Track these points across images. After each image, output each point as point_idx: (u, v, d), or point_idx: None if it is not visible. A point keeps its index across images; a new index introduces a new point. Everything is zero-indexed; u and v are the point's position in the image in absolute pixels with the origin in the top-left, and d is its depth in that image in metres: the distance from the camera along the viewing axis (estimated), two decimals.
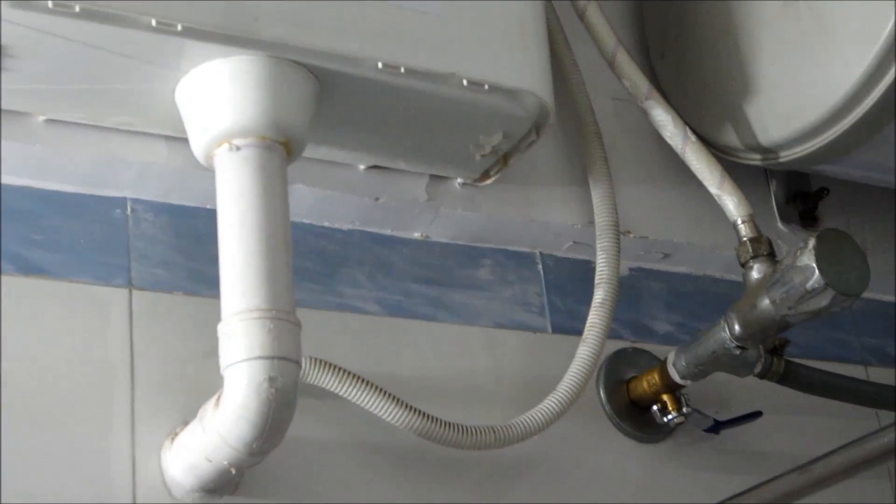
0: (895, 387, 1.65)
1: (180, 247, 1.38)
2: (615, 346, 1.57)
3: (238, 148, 1.20)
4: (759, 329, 1.36)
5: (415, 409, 1.31)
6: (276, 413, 1.12)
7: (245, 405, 1.11)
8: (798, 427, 1.65)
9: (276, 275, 1.15)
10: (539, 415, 1.37)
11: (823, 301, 1.28)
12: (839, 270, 1.28)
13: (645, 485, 1.53)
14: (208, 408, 1.19)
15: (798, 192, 1.75)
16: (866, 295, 1.78)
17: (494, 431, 1.35)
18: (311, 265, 1.43)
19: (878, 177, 1.65)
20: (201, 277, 1.36)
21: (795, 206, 1.75)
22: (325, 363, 1.30)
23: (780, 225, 1.72)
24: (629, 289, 1.62)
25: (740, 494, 1.40)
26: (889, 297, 1.84)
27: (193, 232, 1.39)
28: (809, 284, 1.28)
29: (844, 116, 1.46)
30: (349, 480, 1.36)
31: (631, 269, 1.64)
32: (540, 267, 1.57)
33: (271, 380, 1.11)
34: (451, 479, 1.41)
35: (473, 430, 1.34)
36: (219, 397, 1.16)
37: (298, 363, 1.14)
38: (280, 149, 1.23)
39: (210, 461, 1.19)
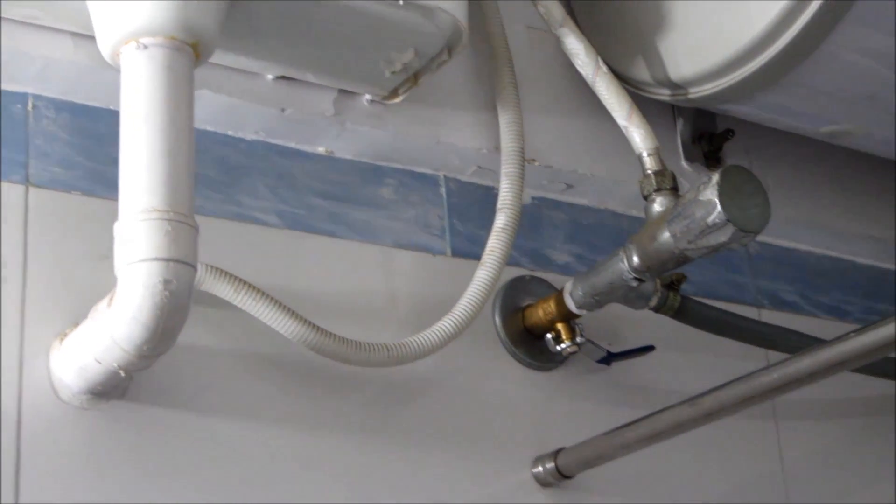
0: (787, 329, 1.68)
1: (81, 146, 1.35)
2: (513, 273, 1.57)
3: (145, 47, 1.17)
4: (657, 262, 1.36)
5: (309, 323, 1.30)
6: (168, 316, 1.10)
7: (138, 306, 1.09)
8: (689, 364, 1.67)
9: (177, 177, 1.13)
10: (433, 335, 1.37)
11: (723, 236, 1.29)
12: (741, 207, 1.28)
13: (535, 411, 1.54)
14: (100, 307, 1.17)
15: (704, 132, 1.76)
16: (764, 239, 1.82)
17: (388, 349, 1.35)
18: (213, 173, 1.41)
19: (783, 120, 1.67)
20: (101, 178, 1.34)
21: (700, 145, 1.76)
22: (222, 271, 1.28)
23: (684, 164, 1.74)
24: (530, 217, 1.62)
25: (630, 424, 1.41)
26: (785, 243, 1.87)
27: (95, 132, 1.36)
28: (710, 219, 1.28)
29: (756, 56, 1.47)
30: (240, 392, 1.35)
31: (533, 198, 1.64)
32: (443, 190, 1.57)
33: (166, 282, 1.09)
34: (343, 396, 1.41)
35: (367, 347, 1.34)
36: (111, 297, 1.14)
37: (194, 267, 1.12)
38: (188, 50, 1.20)
39: (99, 363, 1.17)
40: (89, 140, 1.36)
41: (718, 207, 1.27)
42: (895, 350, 1.16)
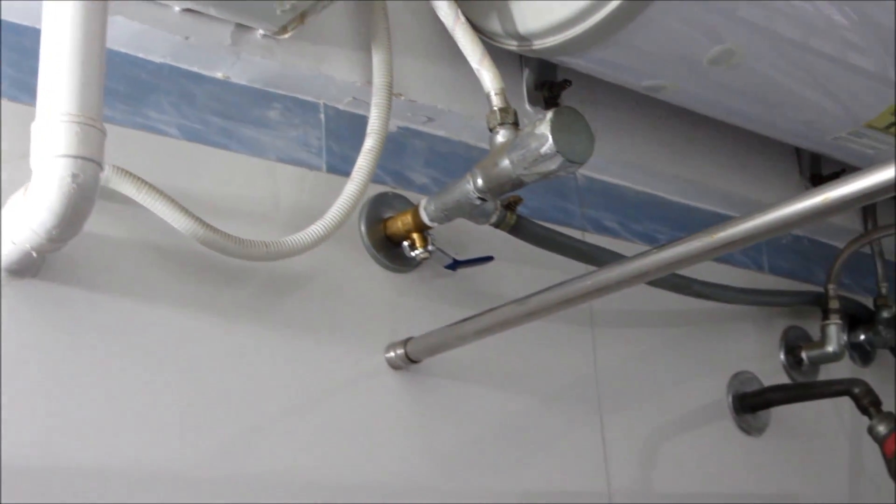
0: (604, 248, 1.71)
1: (7, 59, 1.32)
2: (378, 189, 1.57)
3: None
4: (497, 184, 1.37)
5: (199, 220, 1.29)
6: (75, 205, 1.09)
7: (48, 196, 1.08)
8: (522, 273, 1.69)
9: (88, 87, 1.10)
10: (306, 236, 1.37)
11: (553, 165, 1.30)
12: (568, 141, 1.30)
13: (391, 307, 1.55)
14: (17, 196, 1.15)
15: (546, 80, 1.76)
16: (590, 174, 1.84)
17: (266, 246, 1.35)
18: (122, 88, 1.39)
19: (612, 74, 1.68)
20: (25, 87, 1.31)
21: (542, 92, 1.77)
22: (126, 172, 1.27)
23: (527, 106, 1.74)
24: (395, 144, 1.62)
25: (469, 318, 1.43)
26: (608, 178, 1.89)
27: (21, 46, 1.33)
28: (543, 150, 1.29)
29: (590, 16, 1.47)
30: (140, 277, 1.34)
31: (399, 128, 1.64)
32: (322, 115, 1.56)
33: (74, 176, 1.07)
34: (230, 286, 1.40)
35: (248, 243, 1.33)
36: (27, 188, 1.12)
37: (100, 165, 1.10)
38: None
39: (14, 244, 1.16)
40: (16, 53, 1.33)
41: (550, 140, 1.29)
42: (683, 267, 1.19)
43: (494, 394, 1.61)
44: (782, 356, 2.06)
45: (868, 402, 1.79)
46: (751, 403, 1.94)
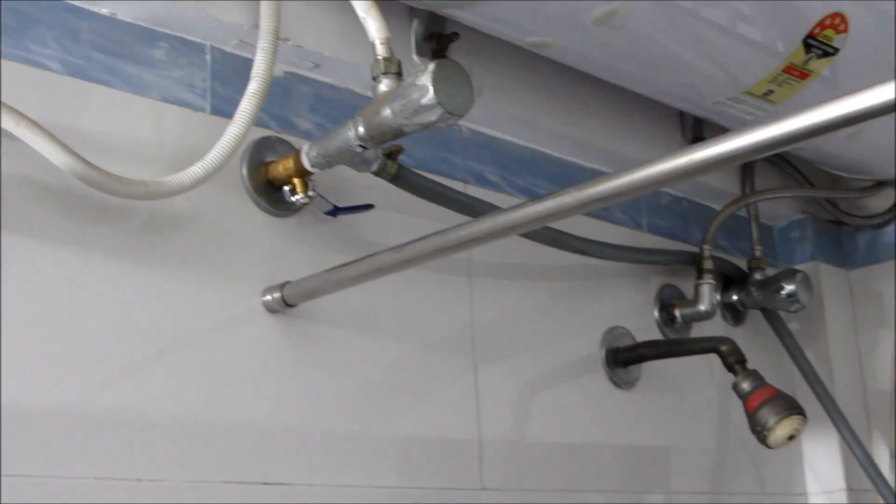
0: (484, 201, 1.75)
1: None
2: (262, 133, 1.59)
3: None
4: (378, 133, 1.40)
5: (78, 156, 1.30)
6: None
7: None
8: (402, 223, 1.72)
9: None
10: (186, 177, 1.39)
11: (432, 116, 1.34)
12: (449, 93, 1.33)
13: (270, 251, 1.57)
14: None
15: (434, 32, 1.79)
16: (475, 127, 1.88)
17: (146, 185, 1.36)
18: (5, 20, 1.39)
19: (497, 28, 1.71)
20: None
21: (430, 44, 1.79)
22: (6, 105, 1.28)
23: (414, 57, 1.77)
24: (281, 88, 1.64)
25: (346, 264, 1.46)
26: (492, 132, 1.93)
27: None
28: (423, 101, 1.33)
29: None
30: (17, 212, 1.34)
31: (285, 72, 1.66)
32: (208, 57, 1.57)
33: None
34: (110, 224, 1.42)
35: (128, 181, 1.35)
36: None
37: None
38: None
39: None
40: None
41: (430, 92, 1.32)
42: (553, 221, 1.24)
43: (371, 341, 1.66)
44: (656, 313, 2.13)
45: (734, 360, 1.87)
46: (623, 358, 2.01)
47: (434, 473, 1.69)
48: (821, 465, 2.37)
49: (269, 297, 1.53)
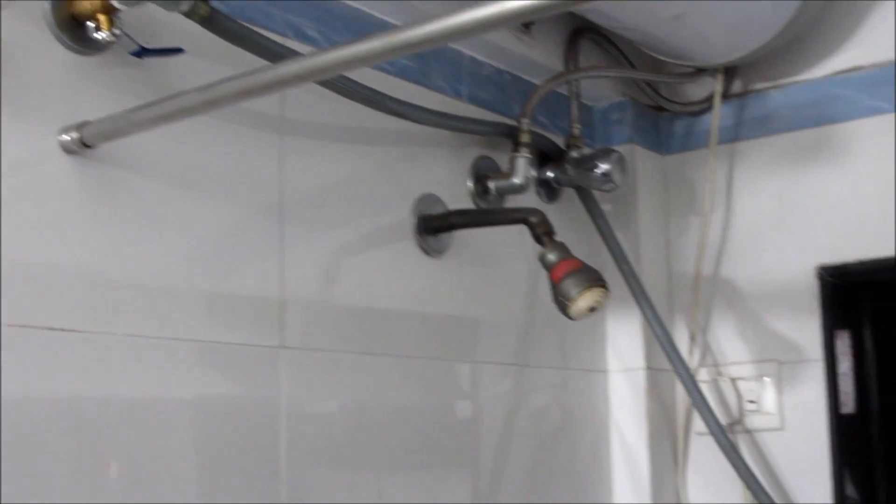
0: (296, 51, 1.73)
1: None
2: None
3: None
4: None
5: None
6: None
7: None
8: (215, 72, 1.62)
9: None
10: None
11: None
12: None
13: (71, 88, 1.53)
14: None
15: None
16: None
17: None
18: None
19: None
20: None
21: None
22: None
23: None
24: None
25: (148, 105, 1.44)
26: None
27: None
28: None
29: None
30: None
31: None
32: None
33: None
34: None
35: None
36: None
37: None
38: None
39: None
40: None
41: None
42: (360, 66, 1.24)
43: (174, 190, 1.63)
44: (470, 184, 2.15)
45: (542, 231, 1.91)
46: (434, 226, 2.03)
47: (233, 329, 1.69)
48: (623, 343, 2.45)
49: (66, 137, 1.49)
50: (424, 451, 2.00)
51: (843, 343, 2.38)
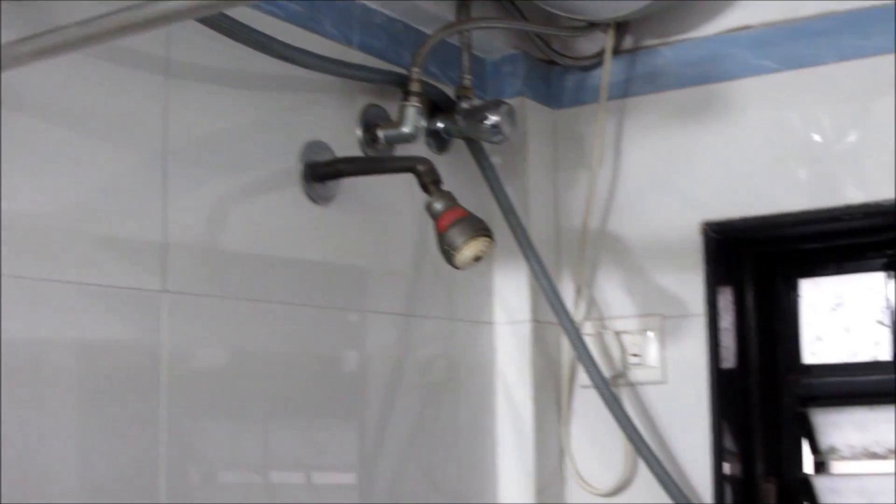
0: None
1: None
2: None
3: None
4: None
5: None
6: None
7: None
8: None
9: None
10: None
11: None
12: None
13: None
14: None
15: None
16: None
17: None
18: None
19: None
20: None
21: None
22: None
23: None
24: None
25: (27, 38, 1.41)
26: None
27: None
28: None
29: None
30: None
31: None
32: None
33: None
34: None
35: None
36: None
37: None
38: None
39: None
40: None
41: None
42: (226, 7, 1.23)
43: (57, 130, 1.60)
44: (359, 132, 2.15)
45: (429, 180, 1.92)
46: (321, 173, 2.02)
47: (115, 273, 1.67)
48: (510, 295, 2.47)
49: None
50: (310, 399, 2.00)
51: (726, 299, 2.43)
